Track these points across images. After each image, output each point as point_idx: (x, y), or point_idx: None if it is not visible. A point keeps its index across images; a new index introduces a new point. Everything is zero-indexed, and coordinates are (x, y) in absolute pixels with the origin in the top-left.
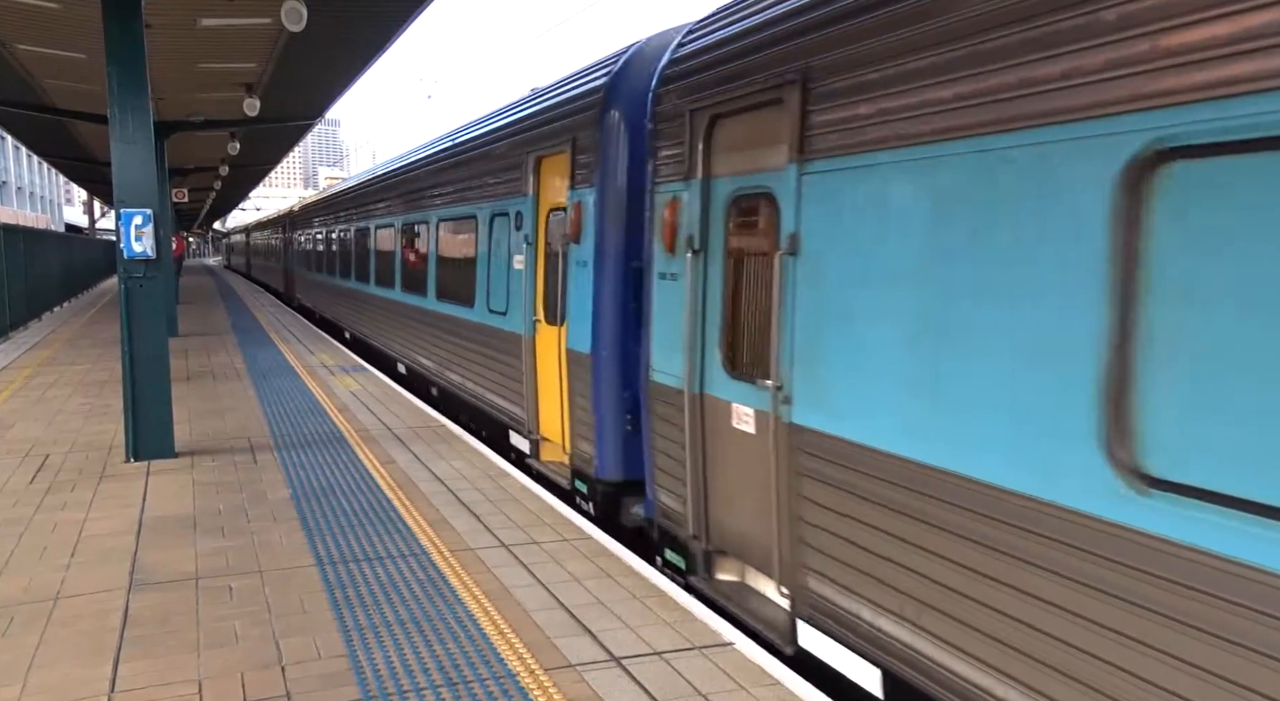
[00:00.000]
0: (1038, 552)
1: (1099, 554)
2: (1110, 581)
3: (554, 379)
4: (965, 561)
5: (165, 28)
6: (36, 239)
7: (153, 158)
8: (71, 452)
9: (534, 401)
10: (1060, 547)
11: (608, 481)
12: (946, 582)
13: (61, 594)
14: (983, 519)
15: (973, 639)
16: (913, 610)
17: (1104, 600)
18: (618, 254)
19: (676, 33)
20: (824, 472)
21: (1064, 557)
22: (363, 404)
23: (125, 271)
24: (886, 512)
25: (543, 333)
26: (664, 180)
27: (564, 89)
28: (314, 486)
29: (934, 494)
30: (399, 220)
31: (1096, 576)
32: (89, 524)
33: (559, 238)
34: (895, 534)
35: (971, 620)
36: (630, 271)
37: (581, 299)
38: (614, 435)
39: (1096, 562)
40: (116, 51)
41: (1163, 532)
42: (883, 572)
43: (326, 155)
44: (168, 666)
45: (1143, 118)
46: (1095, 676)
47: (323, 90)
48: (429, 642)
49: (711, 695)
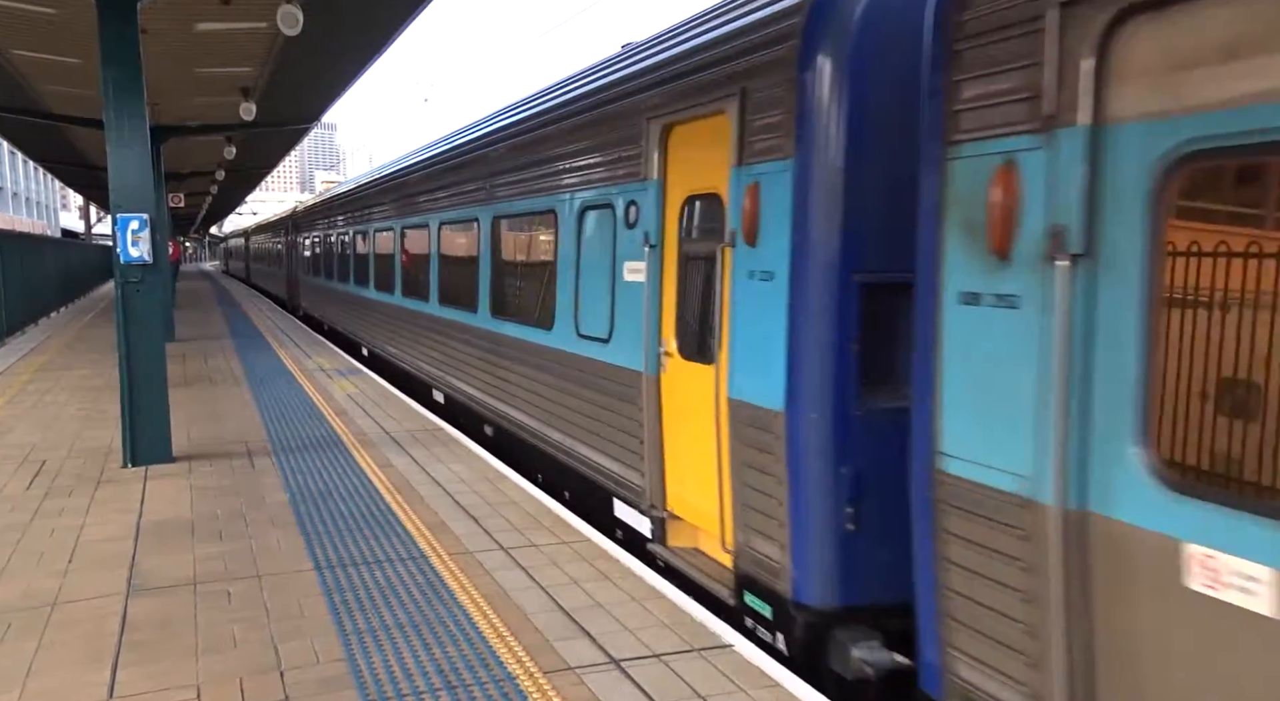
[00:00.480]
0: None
1: None
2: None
3: (700, 437)
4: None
5: (161, 32)
6: (33, 244)
7: (149, 162)
8: (69, 458)
9: (659, 465)
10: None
11: (814, 608)
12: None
13: (59, 599)
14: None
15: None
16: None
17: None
18: (831, 262)
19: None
20: None
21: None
22: (360, 407)
23: (122, 276)
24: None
25: (677, 371)
26: (982, 134)
27: (712, 22)
28: (312, 490)
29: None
30: (436, 219)
31: None
32: (86, 529)
33: (706, 238)
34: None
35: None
36: (852, 288)
37: (758, 327)
38: (825, 536)
39: None
40: (112, 56)
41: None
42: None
43: (323, 159)
44: (166, 671)
45: None
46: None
47: (319, 94)
48: (428, 646)
49: (710, 697)
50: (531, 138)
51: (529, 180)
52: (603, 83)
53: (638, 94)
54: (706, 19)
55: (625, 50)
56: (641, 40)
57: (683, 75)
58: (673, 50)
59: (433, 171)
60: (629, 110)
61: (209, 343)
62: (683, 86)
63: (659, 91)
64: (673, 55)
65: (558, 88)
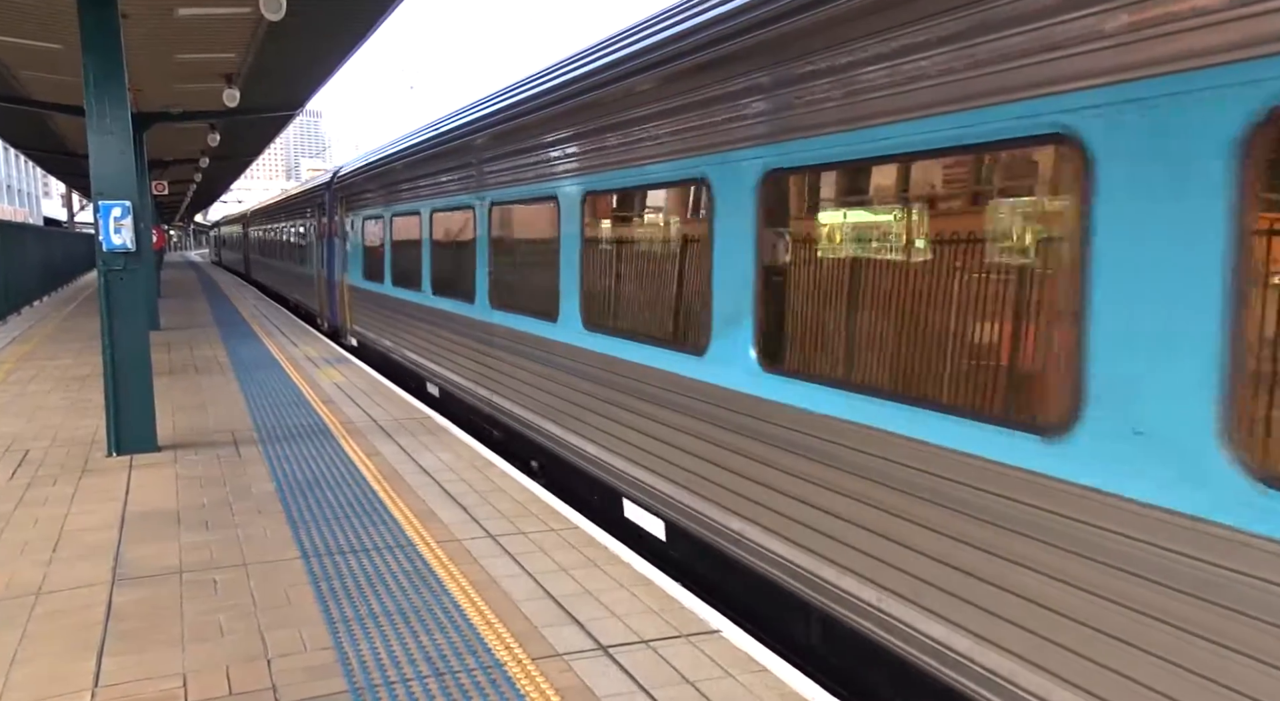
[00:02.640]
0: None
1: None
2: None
3: None
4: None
5: (142, 17)
6: (14, 233)
7: (131, 149)
8: (52, 447)
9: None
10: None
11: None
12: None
13: (44, 589)
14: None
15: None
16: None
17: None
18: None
19: None
20: None
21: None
22: (347, 396)
23: (105, 264)
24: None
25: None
26: None
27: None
28: (299, 479)
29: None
30: (579, 185)
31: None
32: (71, 519)
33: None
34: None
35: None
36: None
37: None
38: None
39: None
40: (92, 42)
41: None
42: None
43: (309, 147)
44: (152, 661)
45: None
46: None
47: (304, 81)
48: (415, 633)
49: (699, 682)
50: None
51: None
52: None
53: None
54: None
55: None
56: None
57: None
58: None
59: (559, 111)
60: None
61: (195, 331)
62: None
63: None
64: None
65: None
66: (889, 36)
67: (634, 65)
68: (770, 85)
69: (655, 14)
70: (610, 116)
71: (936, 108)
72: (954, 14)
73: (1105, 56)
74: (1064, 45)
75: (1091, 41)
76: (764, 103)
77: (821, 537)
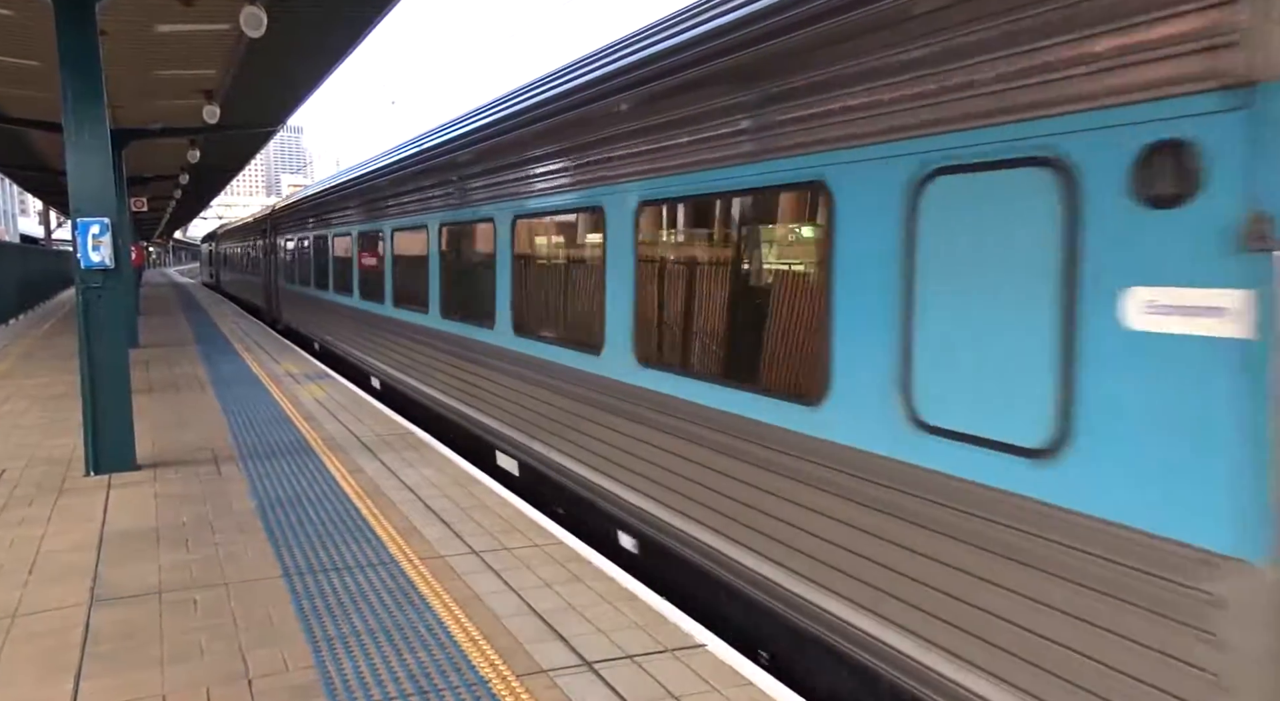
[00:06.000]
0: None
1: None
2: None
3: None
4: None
5: (121, 34)
6: None
7: (110, 166)
8: (29, 467)
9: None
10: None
11: None
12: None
13: (19, 611)
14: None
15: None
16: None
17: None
18: None
19: None
20: None
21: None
22: (329, 412)
23: (83, 282)
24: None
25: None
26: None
27: None
28: (280, 497)
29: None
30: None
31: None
32: (47, 539)
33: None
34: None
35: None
36: None
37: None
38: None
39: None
40: (71, 58)
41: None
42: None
43: (290, 162)
44: (131, 682)
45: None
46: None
47: (284, 97)
48: (399, 652)
49: (684, 697)
50: None
51: None
52: None
53: None
54: None
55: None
56: None
57: None
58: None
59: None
60: None
61: (174, 349)
62: None
63: None
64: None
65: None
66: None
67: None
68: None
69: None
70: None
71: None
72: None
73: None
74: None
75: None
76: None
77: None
